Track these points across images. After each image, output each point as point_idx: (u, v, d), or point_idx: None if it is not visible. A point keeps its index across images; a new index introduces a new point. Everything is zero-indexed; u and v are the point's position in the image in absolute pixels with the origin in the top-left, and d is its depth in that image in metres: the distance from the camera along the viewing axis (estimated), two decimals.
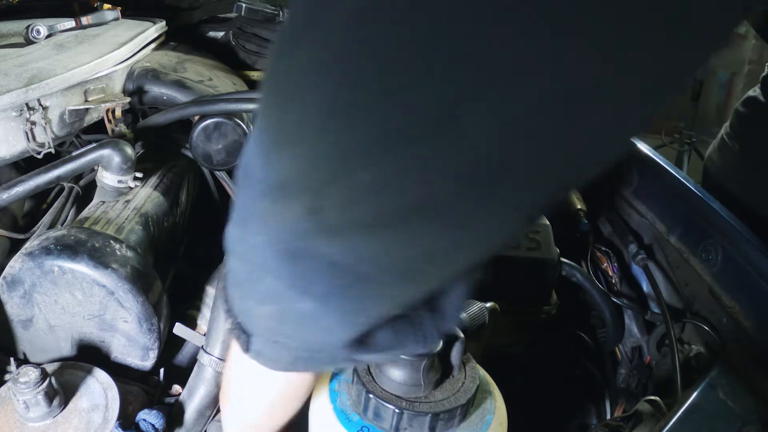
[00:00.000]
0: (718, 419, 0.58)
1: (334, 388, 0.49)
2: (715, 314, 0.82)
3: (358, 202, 0.27)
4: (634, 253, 1.00)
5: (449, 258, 0.32)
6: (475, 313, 0.58)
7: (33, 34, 0.95)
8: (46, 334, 0.68)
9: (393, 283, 0.32)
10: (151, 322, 0.68)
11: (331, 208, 0.28)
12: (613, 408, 1.02)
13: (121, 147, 0.80)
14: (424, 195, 0.26)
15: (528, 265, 0.94)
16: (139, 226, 0.78)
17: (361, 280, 0.31)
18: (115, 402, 0.60)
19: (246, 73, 1.29)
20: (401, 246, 0.29)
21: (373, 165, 0.26)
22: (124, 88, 1.01)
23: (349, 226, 0.28)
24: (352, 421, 0.46)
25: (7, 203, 0.73)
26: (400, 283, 0.32)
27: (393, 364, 0.46)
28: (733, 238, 0.80)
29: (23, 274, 0.65)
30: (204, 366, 0.65)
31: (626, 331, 1.04)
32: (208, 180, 1.08)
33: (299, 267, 0.32)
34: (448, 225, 0.28)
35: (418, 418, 0.44)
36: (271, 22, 1.34)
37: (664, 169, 1.00)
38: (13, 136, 0.77)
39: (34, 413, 0.56)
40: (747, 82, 3.81)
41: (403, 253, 0.30)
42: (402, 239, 0.29)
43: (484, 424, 0.47)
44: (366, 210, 0.27)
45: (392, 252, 0.30)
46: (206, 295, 0.81)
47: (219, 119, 0.91)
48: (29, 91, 0.76)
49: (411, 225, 0.28)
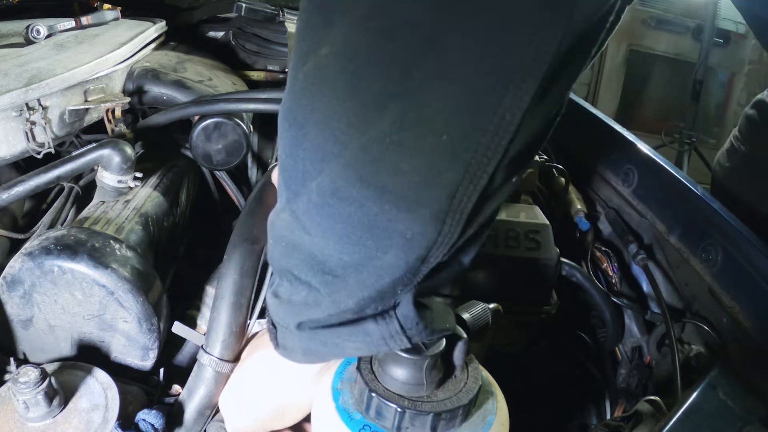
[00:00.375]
0: (718, 419, 0.59)
1: (337, 387, 0.49)
2: (715, 314, 0.82)
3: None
4: (634, 253, 1.00)
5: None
6: (478, 314, 0.58)
7: (33, 34, 0.95)
8: (45, 334, 0.68)
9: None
10: (151, 322, 0.68)
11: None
12: (613, 408, 1.02)
13: (121, 147, 0.79)
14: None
15: (528, 265, 0.94)
16: (139, 226, 0.78)
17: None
18: (114, 402, 0.60)
19: (246, 73, 1.29)
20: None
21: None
22: (124, 88, 1.01)
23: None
24: (354, 419, 0.46)
25: (7, 203, 0.73)
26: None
27: (396, 363, 0.46)
28: (733, 238, 0.80)
29: (23, 274, 0.65)
30: (204, 366, 0.65)
31: (626, 331, 1.04)
32: (208, 180, 1.08)
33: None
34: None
35: (420, 418, 0.44)
36: (271, 22, 1.34)
37: (664, 169, 1.00)
38: (13, 136, 0.77)
39: (33, 413, 0.56)
40: (747, 82, 3.81)
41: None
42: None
43: (486, 424, 0.47)
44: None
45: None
46: (206, 295, 0.81)
47: (219, 119, 0.91)
48: (29, 91, 0.76)
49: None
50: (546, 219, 0.98)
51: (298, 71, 0.37)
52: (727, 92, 3.98)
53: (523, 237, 0.95)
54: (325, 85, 0.36)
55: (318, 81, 0.36)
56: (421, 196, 0.36)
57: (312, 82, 0.36)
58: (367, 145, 0.35)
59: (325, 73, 0.36)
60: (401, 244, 0.38)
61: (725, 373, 0.60)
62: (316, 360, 0.49)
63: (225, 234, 0.73)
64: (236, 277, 0.65)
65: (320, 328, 0.45)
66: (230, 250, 0.66)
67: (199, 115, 0.92)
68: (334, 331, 0.44)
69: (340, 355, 0.47)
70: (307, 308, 0.44)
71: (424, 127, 0.34)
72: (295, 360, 0.50)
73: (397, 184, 0.36)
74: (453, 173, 0.35)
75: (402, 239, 0.37)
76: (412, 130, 0.34)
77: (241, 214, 0.71)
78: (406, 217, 0.36)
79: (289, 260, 0.43)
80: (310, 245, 0.41)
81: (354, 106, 0.35)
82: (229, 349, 0.64)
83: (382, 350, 0.43)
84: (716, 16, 3.38)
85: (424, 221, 0.37)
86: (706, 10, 3.42)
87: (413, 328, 0.42)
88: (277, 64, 1.33)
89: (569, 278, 1.01)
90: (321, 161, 0.37)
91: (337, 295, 0.41)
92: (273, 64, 1.32)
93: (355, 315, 0.42)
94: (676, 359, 0.81)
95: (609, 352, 1.07)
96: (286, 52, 1.31)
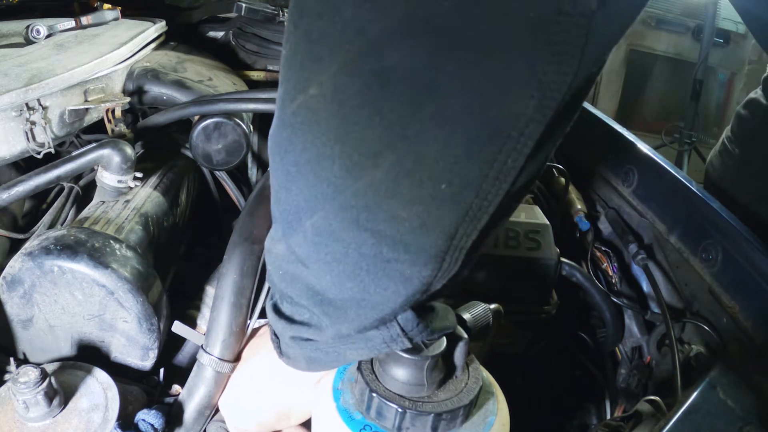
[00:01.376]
0: (718, 419, 0.59)
1: (337, 387, 0.49)
2: (715, 314, 0.82)
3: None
4: (634, 253, 1.00)
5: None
6: (479, 314, 0.58)
7: (33, 34, 0.95)
8: (45, 334, 0.68)
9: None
10: (151, 322, 0.68)
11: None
12: (613, 408, 1.02)
13: (121, 147, 0.79)
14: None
15: (528, 265, 0.94)
16: (139, 226, 0.78)
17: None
18: (114, 402, 0.60)
19: (246, 73, 1.29)
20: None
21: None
22: (124, 88, 1.01)
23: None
24: (355, 419, 0.46)
25: (7, 203, 0.73)
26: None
27: (397, 364, 0.46)
28: (733, 238, 0.80)
29: (23, 274, 0.65)
30: (203, 366, 0.65)
31: (626, 331, 1.04)
32: (208, 180, 1.08)
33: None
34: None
35: (421, 418, 0.44)
36: (271, 22, 1.34)
37: (664, 169, 1.00)
38: (13, 136, 0.77)
39: (33, 413, 0.56)
40: (747, 82, 3.81)
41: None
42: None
43: (486, 425, 0.47)
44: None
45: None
46: (206, 295, 0.80)
47: (219, 119, 0.91)
48: (29, 91, 0.76)
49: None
50: (546, 219, 0.98)
51: (285, 106, 0.36)
52: (727, 92, 3.98)
53: (523, 237, 0.95)
54: (315, 126, 0.34)
55: (307, 122, 0.34)
56: (420, 240, 0.35)
57: (302, 122, 0.35)
58: (362, 191, 0.34)
59: (315, 116, 0.34)
60: (400, 281, 0.37)
61: (725, 373, 0.60)
62: (320, 368, 0.49)
63: (225, 234, 0.73)
64: (236, 277, 0.65)
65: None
66: (230, 250, 0.66)
67: (199, 115, 0.92)
68: (336, 341, 0.44)
69: (342, 362, 0.47)
70: (309, 330, 0.44)
71: (422, 175, 0.33)
72: (299, 368, 0.50)
73: (394, 229, 0.35)
74: (453, 217, 0.34)
75: (401, 278, 0.37)
76: (409, 178, 0.33)
77: (241, 214, 0.71)
78: (405, 259, 0.36)
79: (289, 287, 0.43)
80: (308, 277, 0.41)
81: (347, 151, 0.33)
82: (229, 349, 0.64)
83: (383, 352, 0.44)
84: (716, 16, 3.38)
85: (423, 262, 0.36)
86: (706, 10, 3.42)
87: (414, 329, 0.42)
88: (277, 64, 1.33)
89: (569, 278, 1.01)
90: (315, 200, 0.36)
91: (339, 325, 0.42)
92: (273, 64, 1.32)
93: (357, 334, 0.43)
94: (676, 359, 0.81)
95: (609, 352, 1.07)
96: None
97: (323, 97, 0.33)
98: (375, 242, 0.35)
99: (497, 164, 0.32)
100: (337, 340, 0.43)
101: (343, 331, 0.42)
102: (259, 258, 0.67)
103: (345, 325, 0.41)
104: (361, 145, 0.33)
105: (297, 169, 0.36)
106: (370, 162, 0.33)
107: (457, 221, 0.35)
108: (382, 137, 0.32)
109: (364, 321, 0.41)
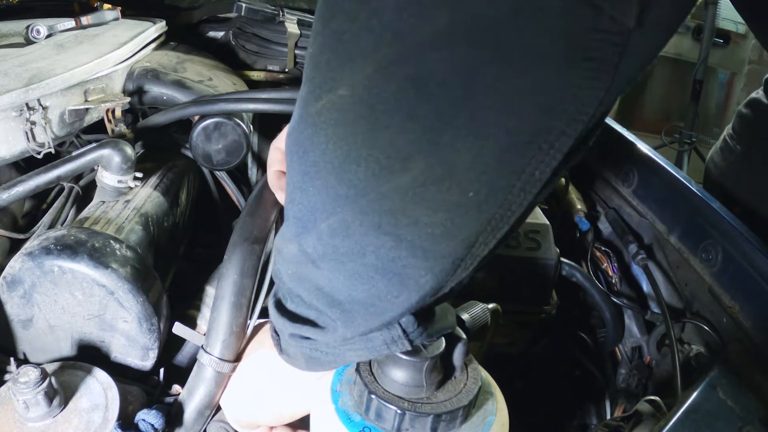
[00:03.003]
0: (718, 419, 0.58)
1: (336, 388, 0.49)
2: (715, 314, 0.82)
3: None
4: (634, 253, 1.00)
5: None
6: (477, 314, 0.58)
7: (33, 34, 0.95)
8: (46, 334, 0.68)
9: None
10: (151, 322, 0.68)
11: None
12: (613, 408, 1.02)
13: (121, 147, 0.79)
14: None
15: (528, 265, 0.94)
16: (139, 226, 0.78)
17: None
18: (115, 402, 0.60)
19: (246, 73, 1.29)
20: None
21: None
22: (124, 88, 1.01)
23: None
24: (354, 421, 0.46)
25: (7, 203, 0.73)
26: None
27: (395, 365, 0.46)
28: (733, 238, 0.80)
29: (23, 274, 0.65)
30: (204, 366, 0.65)
31: (626, 331, 1.04)
32: (208, 180, 1.08)
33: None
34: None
35: (420, 419, 0.44)
36: (271, 22, 1.34)
37: (664, 169, 1.00)
38: (13, 136, 0.77)
39: (34, 413, 0.56)
40: (747, 82, 3.81)
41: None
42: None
43: (486, 425, 0.47)
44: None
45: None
46: (206, 295, 0.81)
47: (219, 119, 0.91)
48: (29, 91, 0.76)
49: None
50: (546, 219, 0.98)
51: (309, 104, 0.36)
52: (727, 92, 3.98)
53: (523, 237, 0.95)
54: (341, 128, 0.34)
55: (333, 122, 0.34)
56: (440, 246, 0.35)
57: (326, 122, 0.35)
58: (387, 194, 0.34)
59: (342, 116, 0.34)
60: (413, 286, 0.37)
61: (725, 373, 0.60)
62: (319, 368, 0.49)
63: (225, 234, 0.73)
64: (236, 277, 0.65)
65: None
66: (230, 250, 0.66)
67: (199, 115, 0.92)
68: (338, 343, 0.44)
69: (341, 363, 0.47)
70: (312, 330, 0.44)
71: (451, 183, 0.33)
72: (298, 367, 0.50)
73: (415, 235, 0.35)
74: (475, 225, 0.35)
75: (414, 283, 0.37)
76: (437, 184, 0.33)
77: (241, 214, 0.71)
78: (422, 265, 0.36)
79: (297, 286, 0.43)
80: (319, 278, 0.40)
81: (374, 154, 0.33)
82: (229, 349, 0.64)
83: (383, 354, 0.44)
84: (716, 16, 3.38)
85: (440, 269, 0.36)
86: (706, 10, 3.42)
87: (415, 330, 0.42)
88: (277, 64, 1.33)
89: (569, 278, 1.01)
90: (333, 201, 0.36)
91: (344, 329, 0.42)
92: (273, 64, 1.32)
93: (359, 336, 0.43)
94: (676, 359, 0.81)
95: (609, 352, 1.07)
96: (286, 52, 1.31)
97: (353, 98, 0.33)
98: (394, 246, 0.35)
99: (525, 176, 0.33)
100: (339, 341, 0.43)
101: (348, 334, 0.42)
102: (259, 258, 0.67)
103: (351, 329, 0.41)
104: (391, 149, 0.33)
105: (316, 170, 0.36)
106: (398, 166, 0.33)
107: (479, 230, 0.35)
108: (413, 143, 0.32)
109: (370, 324, 0.41)
